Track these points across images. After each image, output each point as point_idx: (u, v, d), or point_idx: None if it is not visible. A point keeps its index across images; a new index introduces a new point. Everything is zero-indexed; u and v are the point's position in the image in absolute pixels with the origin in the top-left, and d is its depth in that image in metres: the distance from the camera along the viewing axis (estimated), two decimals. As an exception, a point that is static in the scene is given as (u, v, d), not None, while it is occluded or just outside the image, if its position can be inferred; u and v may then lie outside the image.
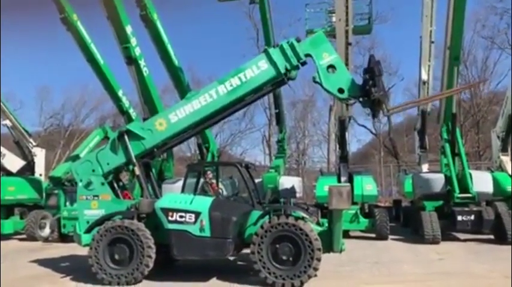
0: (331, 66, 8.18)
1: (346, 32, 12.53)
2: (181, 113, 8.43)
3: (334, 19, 16.09)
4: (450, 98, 13.46)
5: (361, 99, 8.24)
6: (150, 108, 14.64)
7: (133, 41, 13.35)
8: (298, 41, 8.40)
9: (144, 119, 14.22)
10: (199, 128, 8.90)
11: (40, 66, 60.35)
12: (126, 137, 8.50)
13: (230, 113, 8.96)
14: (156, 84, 15.35)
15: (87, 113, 41.73)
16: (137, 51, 13.57)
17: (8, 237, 15.14)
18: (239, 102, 8.58)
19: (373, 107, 8.19)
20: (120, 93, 15.80)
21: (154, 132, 8.50)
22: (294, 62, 8.31)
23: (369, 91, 7.94)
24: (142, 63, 13.89)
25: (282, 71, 8.29)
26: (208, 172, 10.70)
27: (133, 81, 14.36)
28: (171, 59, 15.11)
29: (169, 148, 9.70)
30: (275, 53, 8.32)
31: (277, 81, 8.55)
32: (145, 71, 14.07)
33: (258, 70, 8.30)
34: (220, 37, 57.78)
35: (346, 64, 12.17)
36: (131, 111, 16.40)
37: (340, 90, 8.16)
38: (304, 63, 8.50)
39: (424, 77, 16.10)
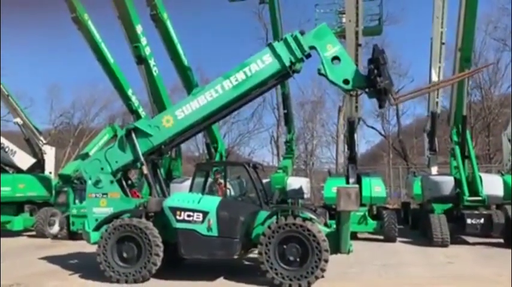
0: (336, 58, 8.17)
1: (356, 33, 12.47)
2: (187, 109, 8.47)
3: (344, 20, 16.03)
4: (460, 100, 13.34)
5: (367, 89, 8.22)
6: (159, 108, 14.68)
7: (143, 40, 13.43)
8: (302, 33, 8.39)
9: (153, 119, 14.31)
10: (206, 123, 8.93)
11: (51, 65, 61.02)
12: (133, 134, 8.55)
13: (236, 107, 9.00)
14: (166, 83, 15.43)
15: (97, 111, 42.16)
16: (147, 50, 13.64)
17: (17, 234, 15.30)
18: (245, 97, 8.61)
19: (380, 96, 8.09)
20: (129, 92, 15.90)
21: (162, 129, 8.54)
22: (299, 54, 8.31)
23: (374, 81, 7.90)
24: (152, 62, 13.96)
25: (287, 64, 8.29)
26: (217, 173, 10.73)
27: (143, 81, 14.44)
28: (180, 59, 15.15)
29: (177, 145, 9.74)
30: (279, 46, 8.34)
31: (282, 75, 8.57)
32: (155, 70, 14.14)
33: (262, 64, 8.32)
34: (229, 37, 58.01)
35: (356, 65, 12.11)
36: (140, 110, 16.49)
37: (346, 82, 8.14)
38: (308, 56, 8.49)
39: (435, 78, 15.99)
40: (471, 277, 8.40)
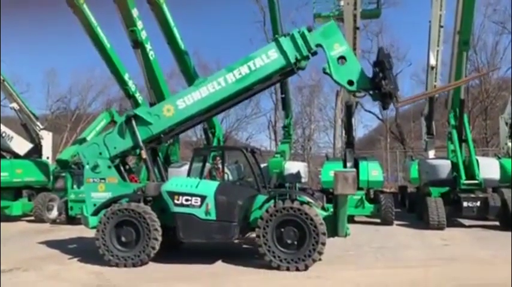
0: (342, 57, 8.12)
1: (354, 16, 12.38)
2: (189, 100, 8.42)
3: (342, 3, 15.95)
4: (458, 84, 13.33)
5: (371, 91, 8.20)
6: (156, 93, 14.63)
7: (139, 24, 13.26)
8: (310, 30, 8.29)
9: (151, 104, 14.24)
10: (206, 115, 8.89)
11: (47, 49, 60.37)
12: (133, 121, 8.53)
13: (238, 101, 8.94)
14: (162, 68, 15.31)
15: (94, 96, 41.84)
16: (143, 34, 13.50)
17: (16, 219, 15.36)
18: (247, 91, 8.56)
19: (384, 99, 8.13)
20: (126, 77, 15.78)
21: (162, 118, 8.51)
22: (305, 52, 8.23)
23: (379, 84, 7.91)
24: (148, 47, 13.82)
25: (292, 60, 8.22)
26: (217, 158, 10.72)
27: (140, 65, 14.33)
28: (177, 43, 15.01)
29: (176, 134, 9.71)
30: (285, 42, 8.23)
31: (287, 71, 8.49)
32: (151, 54, 14.01)
33: (267, 59, 8.23)
34: (226, 21, 57.37)
35: (354, 49, 12.06)
36: (137, 95, 16.40)
37: (350, 83, 8.12)
38: (314, 53, 8.41)
39: (433, 62, 15.89)
40: (467, 259, 8.48)
